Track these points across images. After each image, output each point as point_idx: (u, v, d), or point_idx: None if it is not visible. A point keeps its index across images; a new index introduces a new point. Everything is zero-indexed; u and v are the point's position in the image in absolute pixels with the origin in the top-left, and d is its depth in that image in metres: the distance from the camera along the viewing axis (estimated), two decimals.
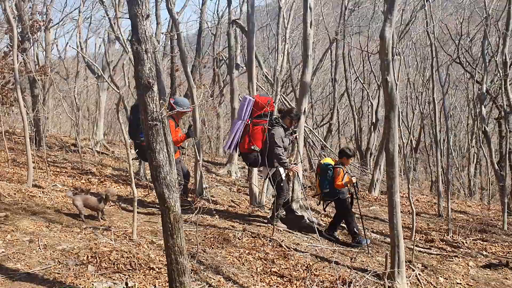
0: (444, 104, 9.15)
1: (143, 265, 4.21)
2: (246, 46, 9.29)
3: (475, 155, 16.29)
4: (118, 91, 5.03)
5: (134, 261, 4.23)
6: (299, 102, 7.56)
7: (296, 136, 6.73)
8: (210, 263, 4.66)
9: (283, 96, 13.78)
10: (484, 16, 11.14)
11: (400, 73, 17.34)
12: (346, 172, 6.36)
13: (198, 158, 7.96)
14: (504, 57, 10.68)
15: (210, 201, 7.59)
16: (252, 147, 6.15)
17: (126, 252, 4.40)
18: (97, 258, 4.19)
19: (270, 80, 11.97)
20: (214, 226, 6.05)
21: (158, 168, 3.12)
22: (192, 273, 4.28)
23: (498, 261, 6.57)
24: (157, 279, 3.99)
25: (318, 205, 6.99)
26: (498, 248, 7.49)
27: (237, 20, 11.67)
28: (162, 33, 12.46)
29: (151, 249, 4.72)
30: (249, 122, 6.24)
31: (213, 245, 5.30)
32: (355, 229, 6.25)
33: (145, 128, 3.08)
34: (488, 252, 7.20)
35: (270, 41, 19.06)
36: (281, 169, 6.27)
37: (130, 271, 4.08)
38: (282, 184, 6.31)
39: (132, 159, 5.90)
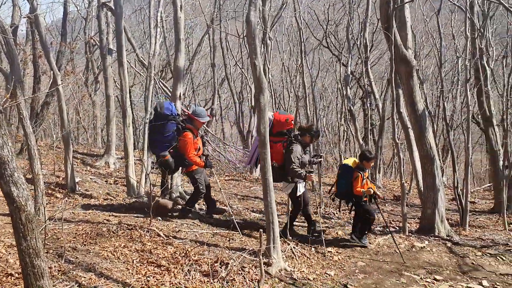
0: (313, 87, 9.72)
1: None
2: (115, 30, 8.82)
3: (345, 132, 17.71)
4: None
5: None
6: (174, 86, 7.44)
7: (321, 161, 6.67)
8: (81, 260, 4.39)
9: (161, 82, 13.47)
10: (346, 2, 11.98)
11: (274, 58, 18.01)
12: (367, 177, 6.29)
13: (68, 150, 7.43)
14: (365, 41, 11.68)
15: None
16: (272, 163, 5.99)
17: None
18: None
19: (146, 65, 11.58)
20: (87, 221, 5.71)
21: (3, 165, 2.79)
22: (60, 274, 4.00)
23: None
24: (16, 285, 3.63)
25: (333, 201, 6.91)
26: None
27: (107, 3, 11.03)
28: (21, 16, 11.27)
29: (10, 253, 4.28)
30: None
31: (86, 241, 5.00)
32: (364, 231, 6.24)
33: None
34: None
35: (146, 25, 18.38)
36: (300, 185, 6.22)
37: None
38: (299, 200, 6.30)
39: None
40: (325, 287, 4.76)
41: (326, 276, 5.06)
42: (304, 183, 6.30)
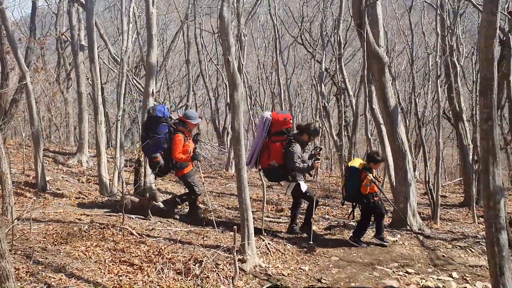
0: (288, 84, 9.74)
1: None
2: (86, 27, 8.63)
3: (320, 128, 17.83)
4: None
5: None
6: (146, 83, 7.34)
7: (320, 152, 6.57)
8: (50, 261, 4.29)
9: (134, 79, 13.27)
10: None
11: (250, 54, 17.98)
12: (375, 178, 6.19)
13: (38, 148, 7.26)
14: (338, 38, 11.75)
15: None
16: (272, 163, 6.12)
17: None
18: None
19: (119, 61, 11.39)
20: (57, 221, 5.59)
21: None
22: (28, 275, 3.90)
23: (337, 222, 7.32)
24: None
25: (342, 205, 6.85)
26: (338, 211, 8.36)
27: None
28: None
29: None
30: (267, 139, 6.23)
31: (56, 241, 4.90)
32: (362, 233, 6.23)
33: None
34: (330, 216, 7.98)
35: (119, 21, 18.09)
36: (301, 183, 6.22)
37: None
38: (308, 194, 6.29)
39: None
40: (300, 282, 4.79)
41: (301, 271, 5.09)
42: (304, 180, 6.35)
